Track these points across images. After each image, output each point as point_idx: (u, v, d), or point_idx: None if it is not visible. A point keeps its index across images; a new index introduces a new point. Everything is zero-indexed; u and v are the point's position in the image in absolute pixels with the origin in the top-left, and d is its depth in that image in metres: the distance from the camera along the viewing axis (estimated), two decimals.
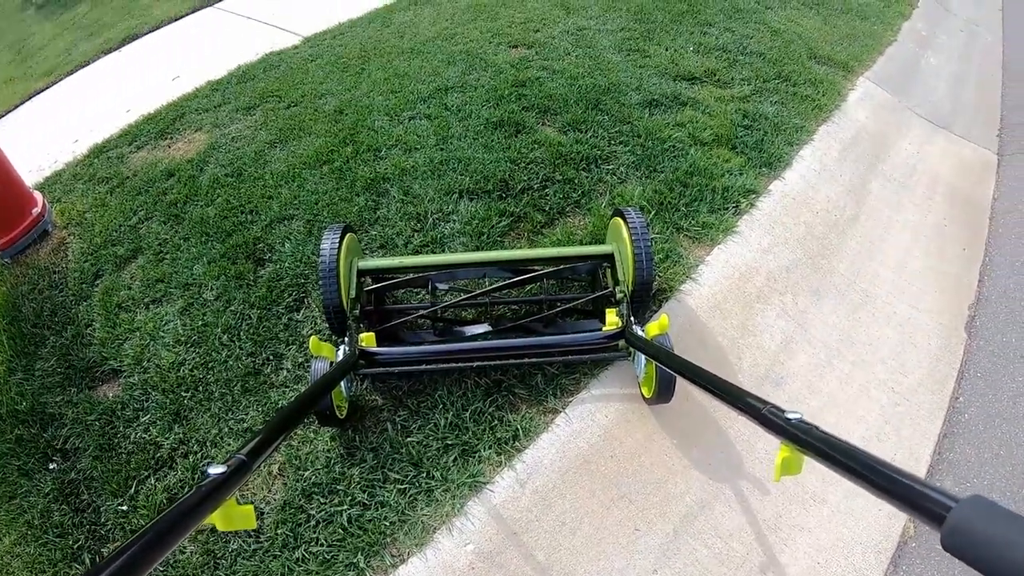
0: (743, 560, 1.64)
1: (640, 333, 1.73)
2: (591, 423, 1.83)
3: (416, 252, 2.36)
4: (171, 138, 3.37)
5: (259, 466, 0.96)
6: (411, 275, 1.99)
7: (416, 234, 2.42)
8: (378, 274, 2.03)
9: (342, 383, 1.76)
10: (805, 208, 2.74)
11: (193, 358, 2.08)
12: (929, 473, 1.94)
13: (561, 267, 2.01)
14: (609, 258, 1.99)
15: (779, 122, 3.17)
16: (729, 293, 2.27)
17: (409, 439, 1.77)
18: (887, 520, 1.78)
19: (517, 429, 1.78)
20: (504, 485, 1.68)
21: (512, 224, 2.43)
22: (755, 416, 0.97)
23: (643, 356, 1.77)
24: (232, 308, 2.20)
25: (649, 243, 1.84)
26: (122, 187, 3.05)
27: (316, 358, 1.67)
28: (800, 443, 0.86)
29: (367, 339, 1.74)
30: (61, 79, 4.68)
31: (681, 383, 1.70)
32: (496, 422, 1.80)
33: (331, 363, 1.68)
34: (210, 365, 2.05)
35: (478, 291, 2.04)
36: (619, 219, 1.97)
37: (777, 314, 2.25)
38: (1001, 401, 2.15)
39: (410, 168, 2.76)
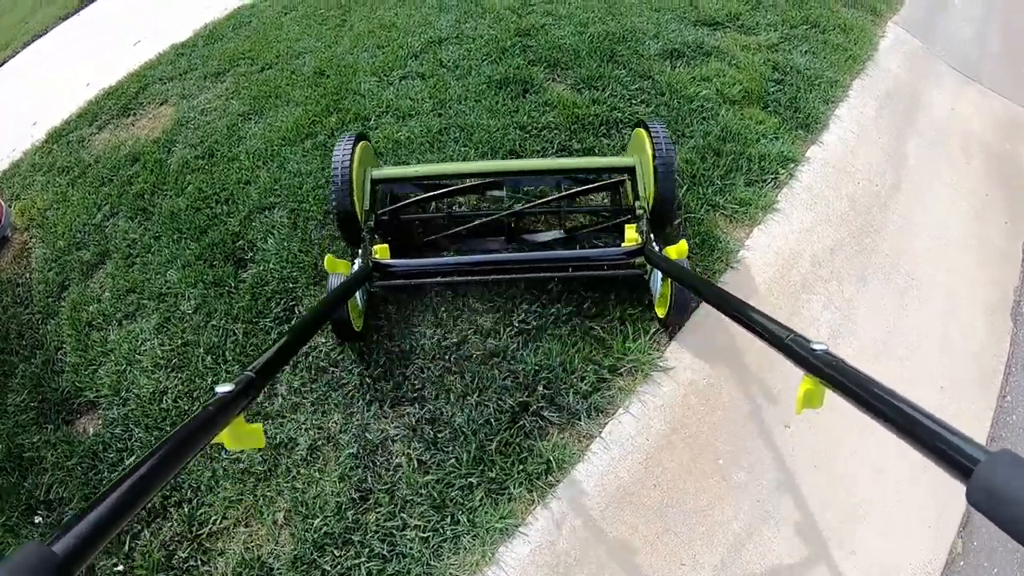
0: None
1: (659, 252, 1.60)
2: (631, 448, 1.58)
3: (431, 161, 2.19)
4: (135, 114, 2.85)
5: (270, 382, 0.88)
6: (430, 192, 1.89)
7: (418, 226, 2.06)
8: (393, 184, 1.92)
9: (357, 295, 1.70)
10: (847, 178, 2.39)
11: (176, 385, 1.76)
12: None
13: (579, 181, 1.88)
14: (631, 171, 1.85)
15: (812, 75, 2.72)
16: (774, 283, 1.96)
17: (428, 477, 1.50)
18: (934, 539, 1.61)
19: (549, 461, 1.52)
20: (539, 527, 1.44)
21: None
22: (778, 345, 0.90)
23: (659, 275, 1.71)
24: (213, 323, 1.86)
25: (673, 156, 1.72)
26: (84, 177, 2.59)
27: (332, 275, 1.59)
28: (823, 376, 0.79)
29: (381, 251, 1.67)
30: (17, 52, 4.03)
31: (716, 393, 1.47)
32: (525, 453, 1.54)
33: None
34: (195, 394, 1.74)
35: (495, 208, 1.89)
36: (642, 131, 1.81)
37: (823, 305, 1.96)
38: None
39: (404, 140, 2.32)
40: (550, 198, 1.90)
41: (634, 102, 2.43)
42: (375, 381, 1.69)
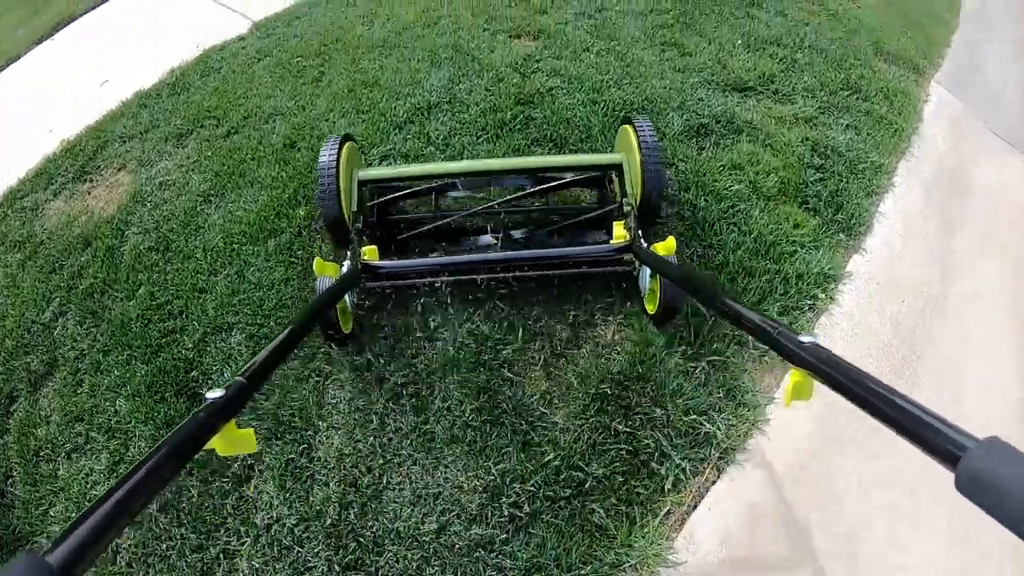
0: None
1: (647, 248, 1.59)
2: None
3: (419, 161, 2.19)
4: (91, 180, 2.53)
5: (260, 388, 0.87)
6: (416, 187, 1.88)
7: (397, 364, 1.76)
8: (380, 184, 1.90)
9: (347, 296, 1.69)
10: (891, 295, 2.08)
11: (129, 547, 1.50)
12: None
13: (567, 175, 1.88)
14: (618, 168, 1.83)
15: (854, 159, 2.39)
16: (807, 454, 1.68)
17: None
18: None
19: None
20: None
21: (524, 347, 1.73)
22: (766, 339, 0.89)
23: (647, 272, 1.71)
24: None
25: (659, 153, 1.72)
26: (35, 257, 2.29)
27: (320, 278, 1.58)
28: (811, 368, 0.79)
29: (369, 252, 1.67)
30: None
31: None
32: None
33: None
34: (150, 560, 1.49)
35: (484, 202, 1.89)
36: (628, 127, 1.80)
37: (861, 480, 1.69)
38: None
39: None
40: (532, 189, 1.90)
41: None
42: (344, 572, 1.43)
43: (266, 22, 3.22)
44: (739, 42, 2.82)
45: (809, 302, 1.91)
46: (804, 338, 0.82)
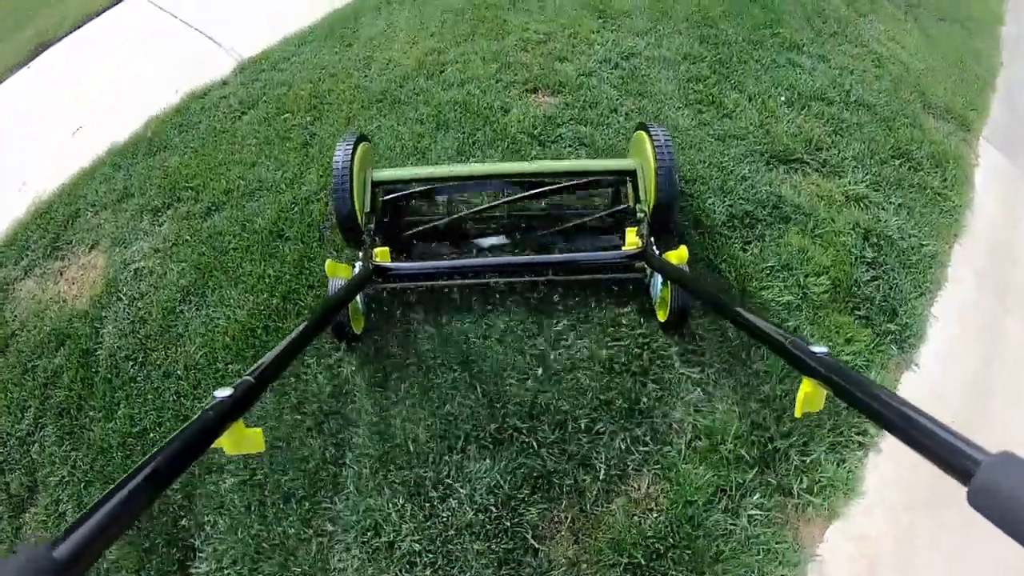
0: None
1: (659, 255, 1.60)
2: None
3: (432, 163, 2.16)
4: (63, 258, 2.27)
5: (268, 388, 0.87)
6: (427, 187, 1.87)
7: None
8: (393, 186, 1.89)
9: (358, 297, 1.69)
10: (941, 416, 1.90)
11: None
12: None
13: (580, 180, 1.86)
14: (631, 174, 1.83)
15: (908, 249, 2.16)
16: None
17: None
18: None
19: None
20: None
21: (550, 508, 1.51)
22: (778, 349, 0.89)
23: (659, 279, 1.69)
24: None
25: (673, 160, 1.70)
26: (7, 353, 2.06)
27: (332, 279, 1.57)
28: (823, 379, 0.78)
29: (381, 254, 1.67)
30: None
31: None
32: None
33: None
34: None
35: (495, 202, 1.88)
36: (643, 133, 1.80)
37: None
38: None
39: (384, 411, 1.70)
40: (543, 189, 1.86)
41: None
42: None
43: (252, 63, 2.87)
44: (782, 98, 2.53)
45: (859, 438, 1.73)
46: (816, 348, 0.81)
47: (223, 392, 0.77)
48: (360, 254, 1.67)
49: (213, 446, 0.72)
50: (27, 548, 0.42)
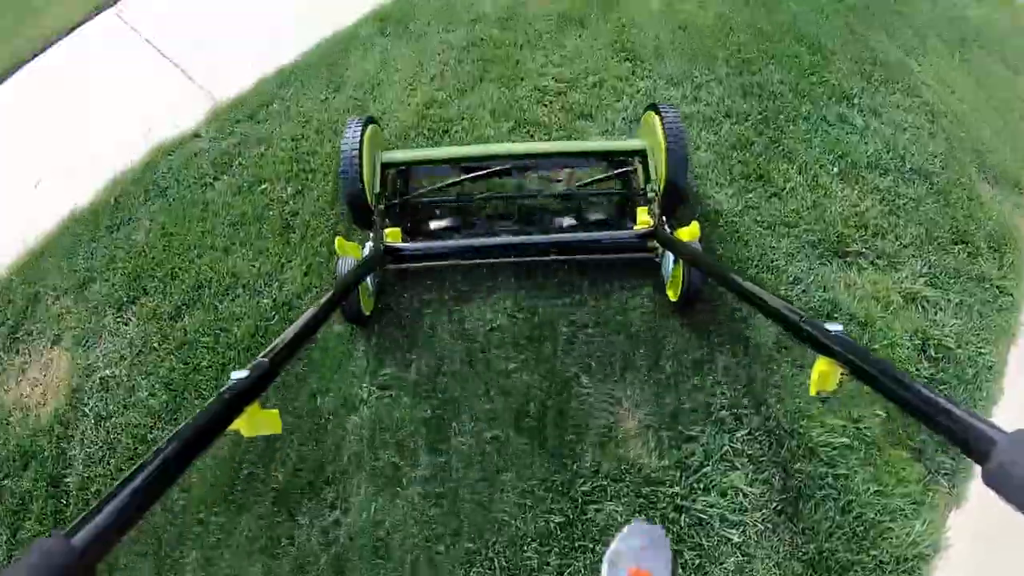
0: None
1: (670, 234, 1.61)
2: None
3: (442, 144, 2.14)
4: (25, 352, 1.94)
5: (283, 370, 0.86)
6: (440, 185, 1.87)
7: None
8: (403, 168, 1.90)
9: (368, 279, 1.67)
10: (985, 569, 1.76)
11: None
12: None
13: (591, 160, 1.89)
14: (641, 154, 1.83)
15: (966, 360, 1.94)
16: None
17: None
18: None
19: None
20: None
21: None
22: (792, 327, 0.88)
23: (671, 258, 1.69)
24: None
25: (684, 140, 1.70)
26: None
27: (341, 258, 1.55)
28: (838, 357, 0.78)
29: (392, 235, 1.65)
30: None
31: None
32: None
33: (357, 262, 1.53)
34: None
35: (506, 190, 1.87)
36: (653, 114, 1.79)
37: None
38: None
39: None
40: (560, 191, 1.90)
41: (728, 461, 1.63)
42: None
43: (226, 110, 2.42)
44: (835, 169, 2.24)
45: None
46: (831, 327, 0.81)
47: (239, 374, 0.76)
48: (371, 235, 1.65)
49: (229, 429, 0.71)
50: (44, 540, 0.41)
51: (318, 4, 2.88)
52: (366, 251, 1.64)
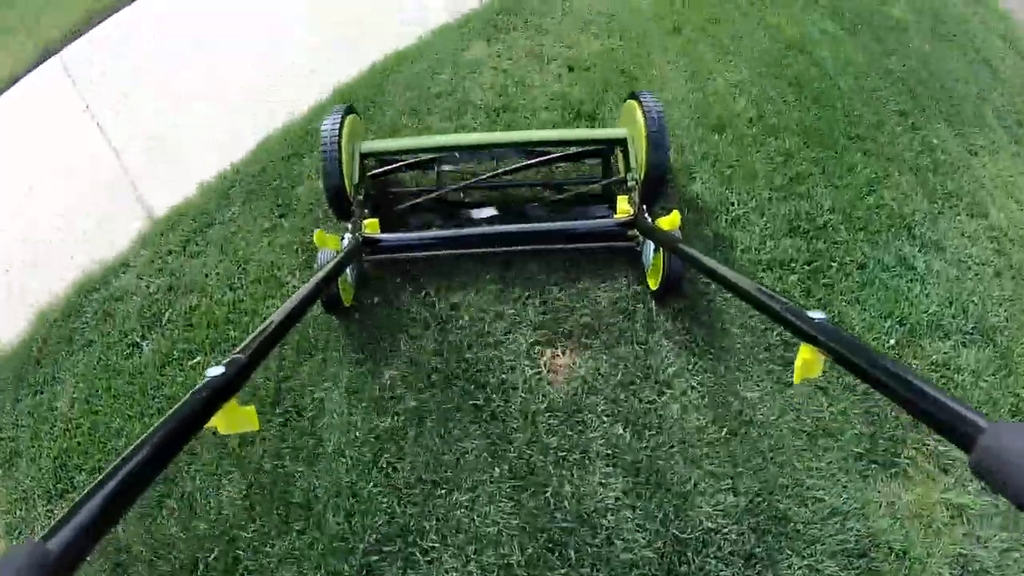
0: None
1: (651, 222, 1.60)
2: None
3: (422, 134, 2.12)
4: None
5: (259, 365, 0.85)
6: (416, 158, 1.85)
7: None
8: (382, 157, 1.89)
9: (348, 270, 1.68)
10: None
11: None
12: None
13: (572, 150, 1.86)
14: (622, 142, 1.83)
15: None
16: None
17: None
18: None
19: None
20: None
21: None
22: (774, 315, 0.88)
23: (651, 247, 1.69)
24: None
25: (664, 127, 1.69)
26: None
27: (321, 250, 1.57)
28: (821, 345, 0.78)
29: (371, 225, 1.67)
30: None
31: None
32: None
33: (336, 253, 1.53)
34: None
35: (486, 174, 1.85)
36: (633, 102, 1.78)
37: None
38: None
39: None
40: (534, 161, 1.85)
41: None
42: None
43: (159, 234, 1.98)
44: (891, 341, 1.87)
45: None
46: (814, 314, 0.80)
47: (214, 371, 0.74)
48: (349, 226, 1.66)
49: (207, 426, 0.70)
50: (21, 545, 0.41)
51: (271, 84, 2.28)
52: (345, 243, 1.61)
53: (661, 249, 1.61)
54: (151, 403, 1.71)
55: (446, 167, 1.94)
